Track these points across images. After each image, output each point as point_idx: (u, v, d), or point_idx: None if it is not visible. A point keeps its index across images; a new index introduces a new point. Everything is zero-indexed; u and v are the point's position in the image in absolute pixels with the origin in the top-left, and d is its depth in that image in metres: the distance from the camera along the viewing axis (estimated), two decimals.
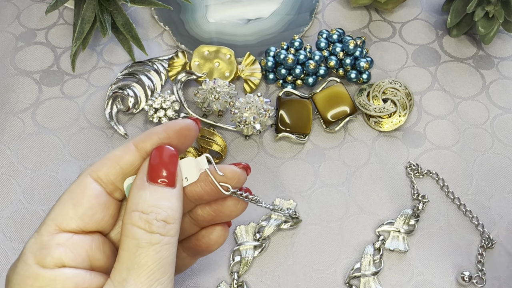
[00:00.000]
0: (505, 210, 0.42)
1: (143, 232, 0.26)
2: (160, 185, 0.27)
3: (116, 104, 0.46)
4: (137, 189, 0.27)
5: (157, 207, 0.26)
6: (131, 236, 0.26)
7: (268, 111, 0.44)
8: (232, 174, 0.30)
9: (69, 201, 0.27)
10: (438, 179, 0.44)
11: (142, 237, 0.26)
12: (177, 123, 0.29)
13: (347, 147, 0.45)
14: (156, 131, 0.29)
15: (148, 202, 0.26)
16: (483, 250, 0.40)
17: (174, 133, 0.29)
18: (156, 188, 0.27)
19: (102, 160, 0.29)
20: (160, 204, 0.27)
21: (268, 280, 0.40)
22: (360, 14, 0.53)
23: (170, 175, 0.28)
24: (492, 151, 0.45)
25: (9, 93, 0.48)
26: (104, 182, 0.28)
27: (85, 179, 0.28)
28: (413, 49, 0.51)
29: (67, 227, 0.27)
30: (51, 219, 0.27)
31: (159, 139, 0.29)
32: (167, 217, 0.27)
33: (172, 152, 0.28)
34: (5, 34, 0.51)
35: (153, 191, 0.27)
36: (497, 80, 0.49)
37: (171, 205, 0.27)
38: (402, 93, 0.47)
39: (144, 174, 0.28)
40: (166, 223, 0.26)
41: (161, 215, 0.26)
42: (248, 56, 0.48)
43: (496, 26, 0.47)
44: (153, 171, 0.28)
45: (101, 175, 0.28)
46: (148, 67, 0.48)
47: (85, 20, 0.46)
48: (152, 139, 0.29)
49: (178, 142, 0.29)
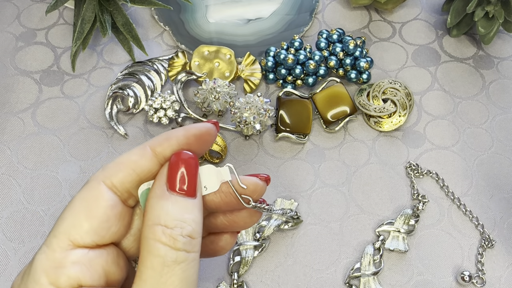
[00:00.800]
0: (505, 210, 0.42)
1: (168, 249, 0.24)
2: (181, 195, 0.25)
3: (116, 104, 0.46)
4: (157, 199, 0.25)
5: (181, 220, 0.24)
6: (155, 254, 0.24)
7: (268, 111, 0.44)
8: (254, 187, 0.28)
9: (83, 212, 0.25)
10: (438, 179, 0.44)
11: (167, 254, 0.24)
12: (197, 128, 0.27)
13: (347, 147, 0.45)
14: (175, 135, 0.27)
15: (172, 215, 0.24)
16: (483, 250, 0.40)
17: (194, 137, 0.27)
18: (177, 199, 0.25)
19: (116, 165, 0.26)
20: (185, 217, 0.25)
21: (268, 280, 0.40)
22: (360, 14, 0.53)
23: (191, 184, 0.26)
24: (492, 151, 0.45)
25: (9, 93, 0.48)
26: (119, 190, 0.26)
27: (98, 186, 0.26)
28: (413, 49, 0.51)
29: (81, 242, 0.25)
30: (63, 233, 0.24)
31: (178, 144, 0.27)
32: (192, 232, 0.25)
33: (193, 158, 0.26)
34: (5, 34, 0.51)
35: (175, 202, 0.25)
36: (497, 80, 0.49)
37: (195, 217, 0.25)
38: (402, 93, 0.47)
39: (164, 183, 0.25)
40: (191, 238, 0.24)
41: (186, 229, 0.24)
42: (248, 56, 0.48)
43: (496, 26, 0.47)
44: (174, 179, 0.25)
45: (116, 182, 0.26)
46: (148, 67, 0.48)
47: (85, 20, 0.47)
48: (171, 144, 0.27)
49: (197, 147, 0.27)
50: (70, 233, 0.24)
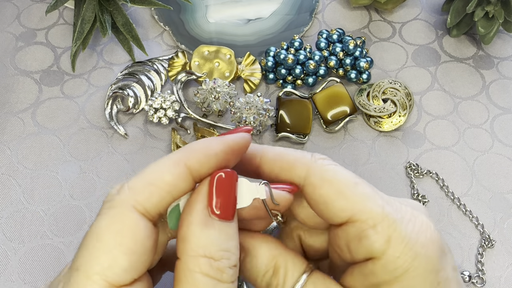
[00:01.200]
0: (505, 210, 0.42)
1: (216, 282, 0.22)
2: (224, 220, 0.23)
3: (116, 104, 0.46)
4: (200, 226, 0.22)
5: (227, 250, 0.22)
6: (200, 287, 0.21)
7: (268, 111, 0.44)
8: (286, 203, 0.25)
9: (118, 248, 0.21)
10: (438, 179, 0.44)
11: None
12: (235, 141, 0.24)
13: (347, 147, 0.45)
14: (214, 151, 0.23)
15: (217, 245, 0.22)
16: (483, 250, 0.40)
17: (232, 152, 0.24)
18: (221, 226, 0.22)
19: (147, 187, 0.23)
20: (229, 246, 0.22)
21: None
22: (360, 14, 0.53)
23: (232, 207, 0.23)
24: (492, 151, 0.45)
25: (9, 93, 0.48)
26: (151, 215, 0.23)
27: (131, 215, 0.22)
28: (413, 49, 0.51)
29: (119, 281, 0.21)
30: (98, 274, 0.21)
31: (217, 161, 0.23)
32: (236, 261, 0.23)
33: (234, 177, 0.24)
34: (5, 34, 0.51)
35: (219, 229, 0.22)
36: (497, 80, 0.49)
37: (237, 243, 0.23)
38: (402, 93, 0.47)
39: (205, 206, 0.23)
40: (236, 268, 0.23)
41: (232, 260, 0.22)
42: (248, 56, 0.48)
43: (496, 26, 0.47)
44: (217, 203, 0.23)
45: (150, 208, 0.22)
46: (148, 67, 0.48)
47: (85, 20, 0.47)
48: (211, 163, 0.23)
49: (234, 161, 0.25)
50: (106, 275, 0.21)
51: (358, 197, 0.24)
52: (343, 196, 0.23)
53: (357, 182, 0.24)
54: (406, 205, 0.25)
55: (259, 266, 0.25)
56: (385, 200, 0.24)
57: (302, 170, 0.25)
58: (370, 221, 0.23)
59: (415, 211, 0.24)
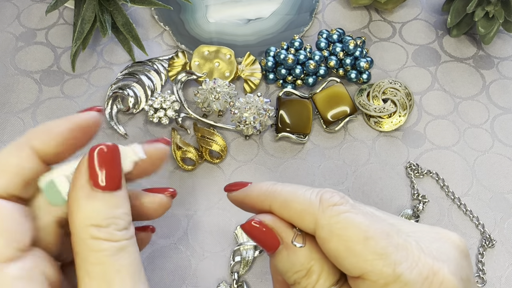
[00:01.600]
0: (505, 210, 0.42)
1: (109, 242, 0.23)
2: (108, 190, 0.24)
3: (116, 104, 0.46)
4: (84, 199, 0.24)
5: (113, 217, 0.24)
6: (97, 249, 0.23)
7: (268, 111, 0.44)
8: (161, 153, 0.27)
9: None
10: (438, 179, 0.44)
11: (110, 247, 0.23)
12: (82, 119, 0.26)
13: (347, 147, 0.45)
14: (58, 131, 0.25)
15: (103, 214, 0.23)
16: (483, 250, 0.40)
17: (80, 129, 0.26)
18: (105, 196, 0.24)
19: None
20: (116, 213, 0.24)
21: (268, 280, 0.39)
22: (360, 14, 0.53)
23: (117, 177, 0.24)
24: (492, 151, 0.45)
25: (9, 93, 0.48)
26: (5, 198, 0.24)
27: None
28: (413, 49, 0.51)
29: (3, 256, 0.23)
30: None
31: (64, 140, 0.25)
32: (126, 224, 0.24)
33: (115, 148, 0.25)
34: (5, 34, 0.51)
35: (103, 199, 0.24)
36: (497, 80, 0.49)
37: (125, 210, 0.24)
38: (402, 93, 0.47)
39: (86, 181, 0.24)
40: (127, 230, 0.24)
41: (120, 225, 0.24)
42: (248, 56, 0.48)
43: (496, 26, 0.47)
44: (97, 175, 0.24)
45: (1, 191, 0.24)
46: (148, 67, 0.48)
47: (85, 20, 0.46)
48: (57, 142, 0.25)
49: (86, 139, 0.26)
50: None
51: (368, 255, 0.23)
52: (353, 254, 0.23)
53: (367, 236, 0.23)
54: (427, 255, 0.23)
55: (295, 263, 0.25)
56: (401, 247, 0.23)
57: (311, 222, 0.24)
58: (381, 281, 0.22)
59: (436, 264, 0.23)
